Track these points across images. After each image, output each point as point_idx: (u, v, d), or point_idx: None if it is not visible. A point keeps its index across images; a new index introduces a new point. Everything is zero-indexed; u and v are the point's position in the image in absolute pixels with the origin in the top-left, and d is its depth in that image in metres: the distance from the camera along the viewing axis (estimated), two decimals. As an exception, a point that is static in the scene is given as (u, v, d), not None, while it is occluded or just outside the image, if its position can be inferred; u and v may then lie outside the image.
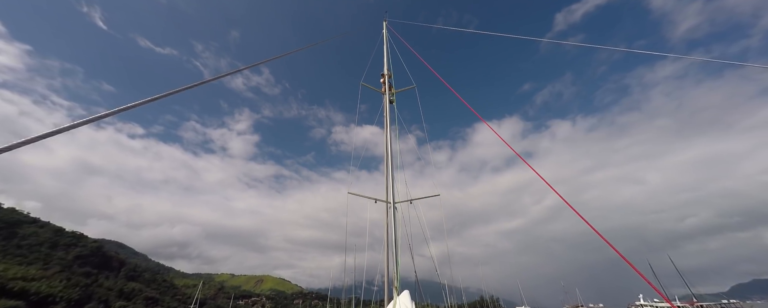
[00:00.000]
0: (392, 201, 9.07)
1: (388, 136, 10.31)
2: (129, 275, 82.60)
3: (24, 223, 74.42)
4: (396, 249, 8.16)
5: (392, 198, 9.11)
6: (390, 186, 9.19)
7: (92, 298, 59.98)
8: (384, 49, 12.93)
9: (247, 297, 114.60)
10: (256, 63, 3.30)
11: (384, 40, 13.27)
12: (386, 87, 11.70)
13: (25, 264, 58.00)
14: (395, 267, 7.89)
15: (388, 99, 11.40)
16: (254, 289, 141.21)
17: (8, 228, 68.53)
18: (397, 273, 7.86)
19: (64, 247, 73.72)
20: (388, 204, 8.94)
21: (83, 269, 69.11)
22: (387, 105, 11.24)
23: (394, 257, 8.04)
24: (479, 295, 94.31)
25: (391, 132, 10.51)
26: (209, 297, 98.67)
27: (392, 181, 9.35)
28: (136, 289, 74.65)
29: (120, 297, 67.18)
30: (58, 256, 68.05)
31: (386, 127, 10.58)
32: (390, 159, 9.63)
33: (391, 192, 9.13)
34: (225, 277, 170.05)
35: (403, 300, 7.50)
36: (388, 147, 9.97)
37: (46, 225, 78.07)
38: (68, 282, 58.61)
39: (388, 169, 9.43)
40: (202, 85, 2.70)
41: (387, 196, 9.04)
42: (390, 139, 10.24)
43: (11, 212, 76.27)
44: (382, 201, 9.20)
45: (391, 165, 9.56)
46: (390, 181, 9.28)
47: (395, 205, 9.16)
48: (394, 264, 7.94)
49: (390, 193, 9.07)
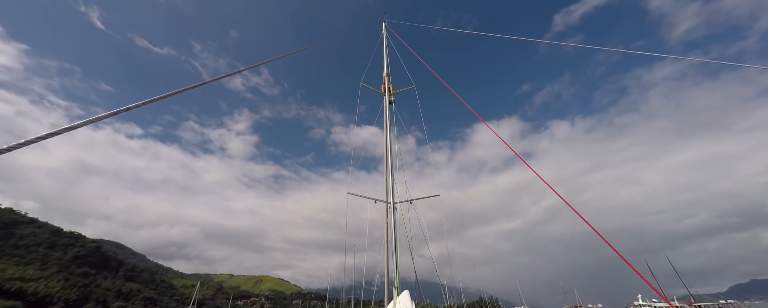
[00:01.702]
0: (392, 201, 9.06)
1: (387, 136, 10.33)
2: (127, 275, 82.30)
3: (21, 223, 74.10)
4: (396, 250, 8.15)
5: (392, 199, 9.09)
6: (390, 186, 9.19)
7: (90, 298, 59.69)
8: (383, 49, 12.96)
9: (245, 297, 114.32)
10: (256, 64, 3.27)
11: (383, 41, 13.29)
12: (386, 85, 11.78)
13: (22, 264, 57.70)
14: (395, 267, 7.90)
15: (387, 99, 11.43)
16: (253, 289, 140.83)
17: (6, 228, 68.23)
18: (397, 274, 7.86)
19: (62, 247, 73.43)
20: (388, 205, 8.94)
21: (81, 269, 68.83)
22: (387, 105, 11.26)
23: (394, 257, 8.04)
24: (478, 296, 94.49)
25: (390, 132, 10.53)
26: (208, 297, 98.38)
27: (392, 182, 9.34)
28: (135, 289, 74.35)
29: (118, 298, 66.90)
30: (55, 256, 67.75)
31: (386, 128, 10.60)
32: (390, 160, 9.63)
33: (391, 193, 9.13)
34: (224, 277, 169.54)
35: (403, 300, 7.50)
36: (388, 147, 9.98)
37: (43, 226, 77.75)
38: (66, 282, 58.30)
39: (388, 170, 9.44)
40: (201, 86, 2.70)
41: (387, 196, 9.05)
42: (390, 139, 10.26)
43: (9, 212, 75.94)
44: (381, 202, 9.19)
45: (391, 166, 9.56)
46: (390, 182, 9.28)
47: (395, 205, 9.15)
48: (394, 264, 7.95)
49: (390, 193, 9.07)
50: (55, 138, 1.48)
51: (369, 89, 12.10)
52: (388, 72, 12.10)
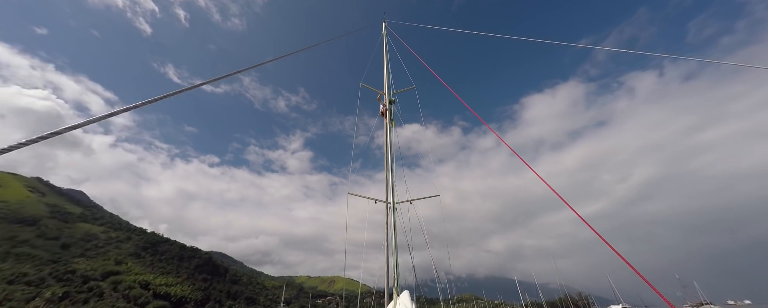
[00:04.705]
0: (392, 201, 9.01)
1: (388, 135, 10.39)
2: (232, 279, 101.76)
3: (161, 242, 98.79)
4: (395, 250, 8.17)
5: (392, 199, 9.04)
6: (390, 186, 9.11)
7: (210, 299, 76.65)
8: (383, 50, 12.86)
9: (323, 296, 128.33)
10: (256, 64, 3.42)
11: (383, 42, 13.15)
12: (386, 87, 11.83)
13: (164, 273, 77.68)
14: (395, 267, 7.92)
15: (388, 99, 11.70)
16: (328, 289, 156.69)
17: (152, 247, 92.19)
18: (397, 274, 7.82)
19: (187, 259, 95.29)
20: (388, 205, 8.91)
21: (201, 275, 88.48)
22: (387, 105, 11.32)
23: (394, 257, 8.04)
24: (563, 292, 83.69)
25: (390, 133, 10.55)
26: (292, 297, 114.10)
27: (392, 182, 9.27)
28: (239, 291, 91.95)
29: (228, 298, 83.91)
30: (184, 266, 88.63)
31: (386, 128, 10.68)
32: (390, 160, 9.62)
33: (392, 193, 9.05)
34: (303, 279, 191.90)
35: (404, 300, 7.42)
36: (389, 147, 10.04)
37: (174, 243, 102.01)
38: (193, 286, 76.30)
39: (388, 170, 9.40)
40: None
41: (387, 197, 8.98)
42: (390, 139, 10.30)
43: (152, 235, 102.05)
44: (381, 202, 9.12)
45: (392, 166, 9.54)
46: (390, 182, 9.18)
47: (395, 206, 9.14)
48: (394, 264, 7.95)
49: (390, 194, 8.99)
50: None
51: (369, 89, 11.92)
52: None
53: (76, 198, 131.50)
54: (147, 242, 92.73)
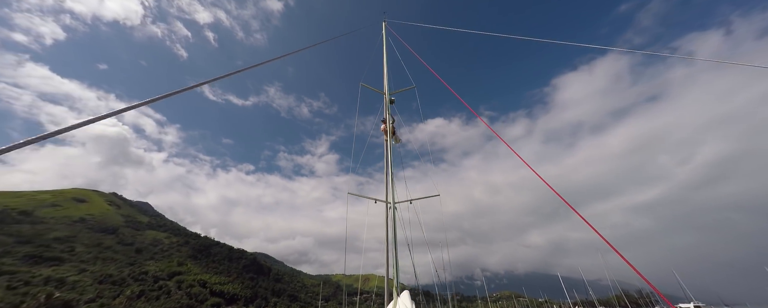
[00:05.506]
0: (392, 201, 9.10)
1: (388, 137, 10.54)
2: (275, 278, 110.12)
3: (212, 245, 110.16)
4: (395, 250, 8.22)
5: (392, 199, 9.11)
6: (389, 186, 9.15)
7: (257, 296, 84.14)
8: (383, 50, 12.92)
9: (358, 294, 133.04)
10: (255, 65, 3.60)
11: (383, 42, 13.14)
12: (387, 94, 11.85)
13: (217, 273, 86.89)
14: (395, 267, 7.98)
15: (388, 99, 11.69)
16: (363, 287, 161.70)
17: (205, 249, 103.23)
18: (397, 273, 7.88)
19: (236, 260, 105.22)
20: (388, 205, 8.97)
21: (248, 275, 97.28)
22: (387, 105, 11.45)
23: (394, 257, 8.09)
24: (619, 288, 76.32)
25: (390, 138, 10.63)
26: (330, 294, 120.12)
27: (392, 182, 9.34)
28: (282, 289, 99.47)
29: (273, 295, 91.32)
30: (233, 266, 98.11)
31: (386, 129, 10.81)
32: (390, 160, 9.70)
33: (391, 193, 9.11)
34: (339, 277, 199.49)
35: (404, 300, 7.46)
36: (388, 148, 10.14)
37: (224, 245, 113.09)
38: (243, 284, 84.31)
39: (388, 170, 9.49)
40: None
41: (387, 197, 9.01)
42: (390, 140, 10.44)
43: (205, 239, 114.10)
44: (381, 202, 9.16)
45: (391, 166, 9.64)
46: (389, 182, 9.25)
47: (395, 205, 9.23)
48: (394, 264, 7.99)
49: (390, 194, 9.05)
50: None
51: (370, 89, 11.98)
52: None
53: (143, 208, 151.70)
54: (201, 245, 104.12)
